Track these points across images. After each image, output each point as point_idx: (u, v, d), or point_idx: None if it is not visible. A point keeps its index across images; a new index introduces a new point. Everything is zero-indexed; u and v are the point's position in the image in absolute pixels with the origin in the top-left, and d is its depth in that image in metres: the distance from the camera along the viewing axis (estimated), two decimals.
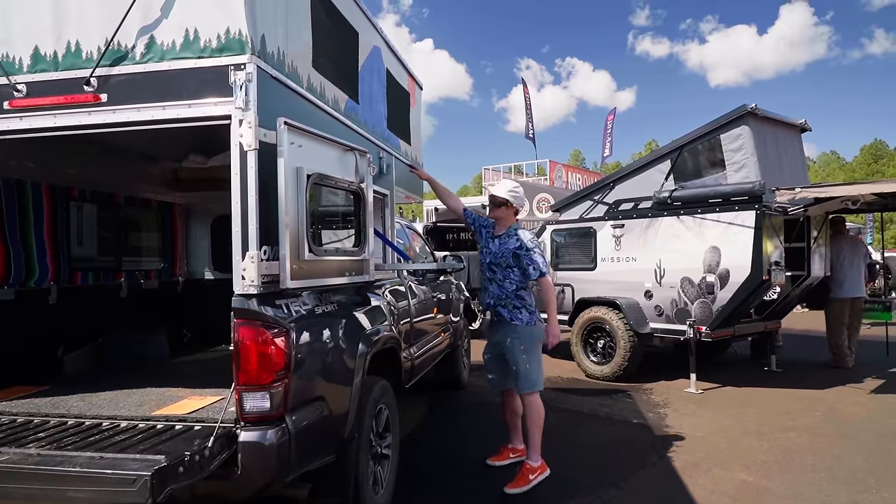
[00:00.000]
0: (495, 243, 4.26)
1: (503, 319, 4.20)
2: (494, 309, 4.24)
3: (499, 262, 4.20)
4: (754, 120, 6.69)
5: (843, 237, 7.85)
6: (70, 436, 2.66)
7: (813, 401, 6.18)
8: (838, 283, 7.65)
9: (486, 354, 4.41)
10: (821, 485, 4.02)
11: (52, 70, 2.81)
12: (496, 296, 4.23)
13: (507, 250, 4.19)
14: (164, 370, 4.14)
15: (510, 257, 4.17)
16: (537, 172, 29.30)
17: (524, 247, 4.15)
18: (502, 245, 4.22)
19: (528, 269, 4.13)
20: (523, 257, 4.14)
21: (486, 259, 4.30)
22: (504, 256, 4.19)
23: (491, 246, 4.28)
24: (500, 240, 4.25)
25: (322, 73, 3.39)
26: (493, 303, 4.25)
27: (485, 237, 4.35)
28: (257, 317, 2.55)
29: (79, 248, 4.45)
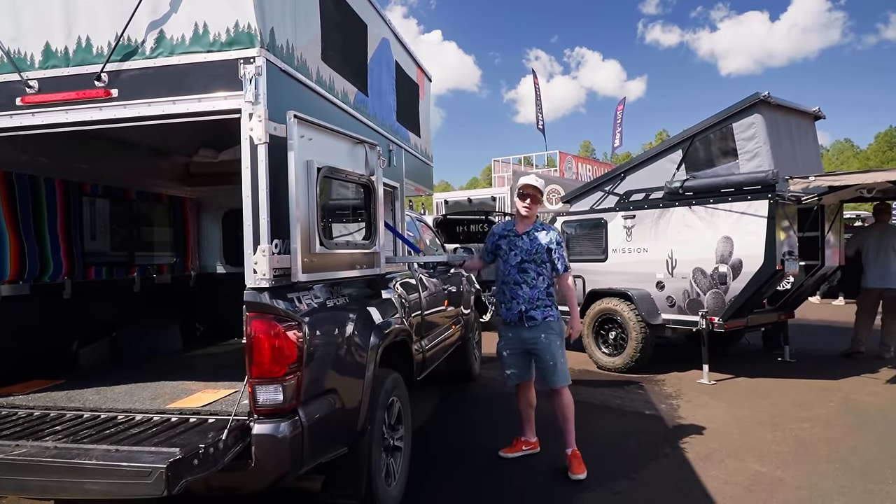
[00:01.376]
0: (524, 240, 4.12)
1: (535, 320, 4.07)
2: (526, 314, 4.08)
3: (533, 259, 4.07)
4: (767, 108, 6.61)
5: (874, 227, 7.76)
6: (86, 429, 2.69)
7: (827, 391, 6.13)
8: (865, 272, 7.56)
9: (506, 351, 4.26)
10: (836, 475, 3.99)
11: (64, 66, 2.83)
12: (528, 298, 4.08)
13: (539, 245, 4.08)
14: (177, 364, 4.18)
15: (544, 252, 4.08)
16: (547, 164, 29.14)
17: (557, 241, 4.11)
18: (533, 241, 4.10)
19: (557, 264, 4.10)
20: (555, 252, 4.08)
21: (517, 259, 4.11)
22: (538, 252, 4.07)
23: (520, 244, 4.12)
24: (528, 236, 4.13)
25: (331, 65, 3.38)
26: (525, 308, 4.09)
27: (509, 240, 4.18)
28: (269, 310, 2.56)
29: (92, 243, 4.49)
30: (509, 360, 4.28)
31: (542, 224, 4.21)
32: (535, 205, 4.14)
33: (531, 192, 4.12)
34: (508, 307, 4.17)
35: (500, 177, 26.00)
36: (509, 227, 4.23)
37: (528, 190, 4.12)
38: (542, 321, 4.08)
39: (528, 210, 4.13)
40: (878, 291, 7.53)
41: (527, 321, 4.07)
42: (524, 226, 4.17)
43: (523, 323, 4.08)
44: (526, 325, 4.08)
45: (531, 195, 4.11)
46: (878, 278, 7.49)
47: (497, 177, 27.39)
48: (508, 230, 4.21)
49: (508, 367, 4.29)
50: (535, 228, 4.14)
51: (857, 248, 7.66)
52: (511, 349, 4.23)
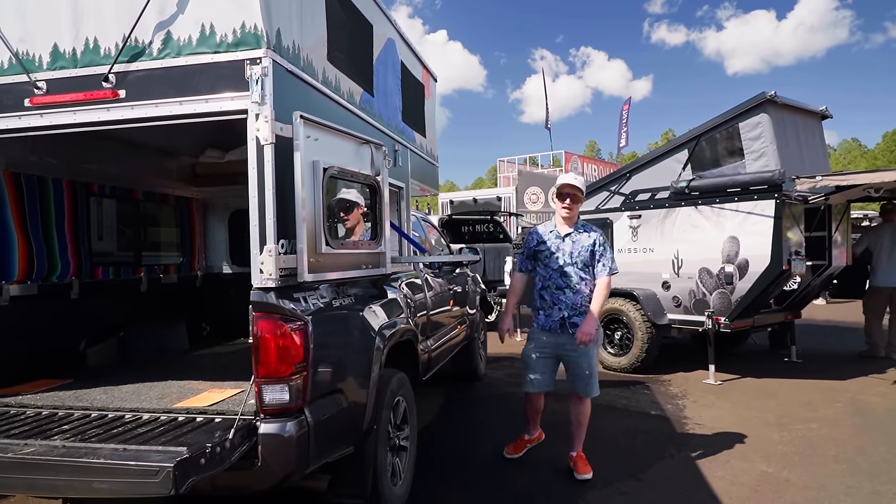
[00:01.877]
0: (567, 243, 3.93)
1: (577, 327, 3.86)
2: (569, 320, 3.89)
3: (576, 262, 3.89)
4: (773, 108, 6.58)
5: (887, 225, 7.72)
6: (93, 428, 2.70)
7: (834, 391, 6.11)
8: (876, 271, 7.53)
9: (535, 353, 4.01)
10: (843, 476, 3.97)
11: (72, 67, 2.84)
12: (571, 304, 3.89)
13: (583, 248, 3.90)
14: (183, 363, 4.20)
15: (588, 255, 3.90)
16: (553, 164, 29.11)
17: (601, 241, 3.93)
18: (576, 243, 3.92)
19: (604, 267, 3.91)
20: (600, 253, 3.91)
21: (558, 263, 3.92)
22: (582, 255, 3.89)
23: (563, 247, 3.93)
24: (570, 238, 3.94)
25: (337, 66, 3.39)
26: (567, 314, 3.90)
27: (550, 244, 3.98)
28: (276, 310, 2.57)
29: (99, 243, 4.52)
30: (537, 365, 4.03)
31: (585, 224, 4.01)
32: (576, 204, 3.94)
33: (570, 192, 3.92)
34: (548, 313, 3.97)
35: (506, 177, 25.99)
36: (550, 230, 4.03)
37: (567, 189, 3.92)
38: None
39: (569, 211, 3.93)
40: (889, 291, 7.49)
41: (569, 328, 3.90)
42: (566, 227, 3.97)
43: (565, 329, 3.90)
44: (569, 331, 3.90)
45: (570, 195, 3.93)
46: (887, 277, 7.46)
47: (502, 177, 27.37)
48: (549, 232, 4.02)
49: (534, 371, 4.04)
50: (578, 229, 3.95)
51: (867, 248, 7.62)
52: (542, 353, 4.01)
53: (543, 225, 4.12)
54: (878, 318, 7.62)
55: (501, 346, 7.43)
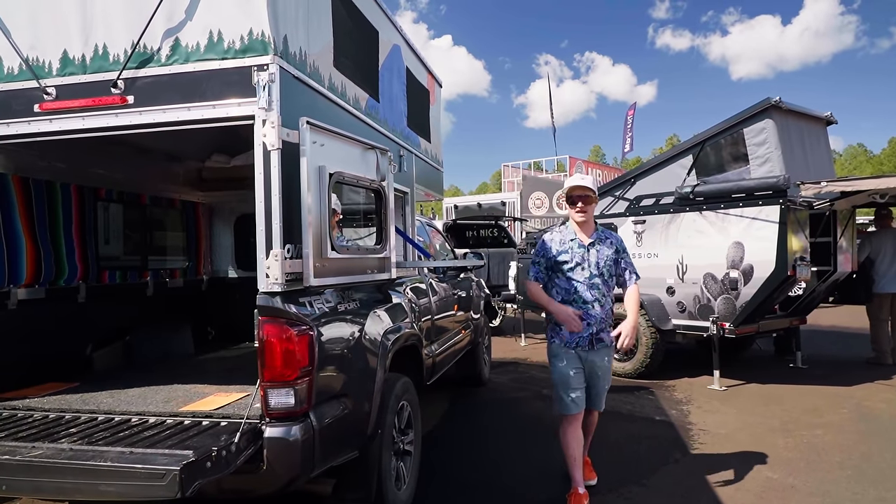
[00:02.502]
0: (592, 253, 3.59)
1: (603, 342, 3.63)
2: (597, 336, 3.60)
3: (602, 273, 3.58)
4: (778, 113, 6.58)
5: (889, 230, 7.71)
6: (100, 431, 2.72)
7: (840, 397, 6.09)
8: (879, 277, 7.51)
9: (572, 370, 3.59)
10: (848, 482, 3.96)
11: (81, 73, 2.88)
12: (600, 319, 3.59)
13: (608, 257, 3.61)
14: (189, 367, 4.21)
15: (612, 264, 3.62)
16: (557, 168, 29.15)
17: (622, 247, 3.67)
18: (601, 252, 3.60)
19: (629, 275, 3.68)
20: (625, 261, 3.66)
21: (584, 275, 3.56)
22: (607, 265, 3.60)
23: (589, 257, 3.58)
24: (595, 248, 3.60)
25: (343, 72, 3.41)
26: (596, 330, 3.59)
27: (573, 254, 3.59)
28: (281, 314, 2.59)
29: (106, 247, 4.55)
30: (576, 381, 3.59)
31: (603, 230, 3.71)
32: (590, 206, 3.58)
33: (581, 194, 3.55)
34: (572, 329, 3.57)
35: (510, 182, 26.04)
36: (570, 238, 3.63)
37: (577, 192, 3.55)
38: (609, 342, 3.67)
39: (584, 214, 3.56)
40: (890, 297, 7.47)
41: (596, 344, 3.59)
42: (587, 235, 3.62)
43: (593, 346, 3.59)
44: (595, 348, 3.60)
45: (582, 197, 3.55)
46: (890, 283, 7.44)
47: (507, 182, 27.44)
48: (570, 241, 3.62)
49: (574, 389, 3.58)
50: (600, 237, 3.64)
51: (868, 255, 7.59)
52: (577, 369, 3.61)
53: (559, 232, 3.70)
54: (884, 325, 7.59)
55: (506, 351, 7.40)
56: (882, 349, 7.59)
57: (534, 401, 6.22)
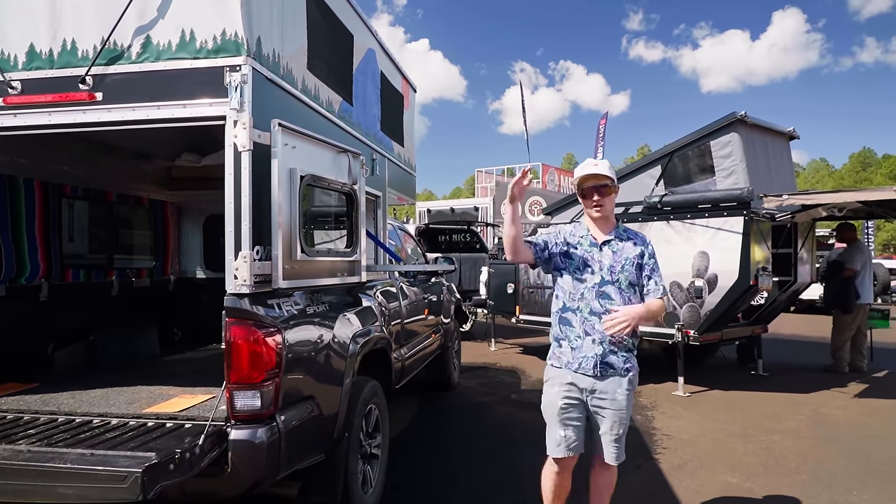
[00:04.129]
0: (606, 253, 2.85)
1: (613, 369, 2.80)
2: (603, 359, 2.78)
3: (617, 279, 2.80)
4: (744, 127, 6.77)
5: (860, 242, 7.94)
6: (60, 433, 2.67)
7: (798, 404, 6.26)
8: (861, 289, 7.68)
9: (562, 401, 2.82)
10: (803, 487, 4.08)
11: (48, 68, 2.84)
12: (607, 337, 2.76)
13: (627, 260, 2.83)
14: (154, 368, 4.15)
15: (633, 269, 2.83)
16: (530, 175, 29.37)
17: (651, 253, 2.89)
18: (618, 254, 2.84)
19: (650, 285, 2.87)
20: (650, 268, 2.87)
21: (594, 279, 2.81)
22: (626, 270, 2.82)
23: (601, 258, 2.84)
24: (610, 247, 2.86)
25: (317, 74, 3.42)
26: (604, 351, 2.77)
27: (582, 251, 2.87)
28: (249, 316, 2.58)
29: (70, 245, 4.46)
30: (567, 418, 2.82)
31: (628, 230, 2.95)
32: (608, 197, 2.83)
33: (595, 184, 2.82)
34: (576, 346, 2.81)
35: (483, 187, 26.16)
36: (581, 234, 2.92)
37: (590, 181, 2.82)
38: (622, 372, 2.81)
39: (601, 209, 2.83)
40: (864, 307, 7.71)
41: (603, 371, 2.78)
42: (603, 232, 2.89)
43: (602, 373, 2.78)
44: (601, 374, 2.79)
45: (597, 188, 2.82)
46: (868, 294, 7.68)
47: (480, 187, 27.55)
48: (581, 237, 2.91)
49: (563, 425, 2.81)
50: (620, 236, 2.89)
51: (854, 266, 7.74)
52: (570, 400, 2.82)
53: (572, 225, 3.04)
54: (850, 334, 7.80)
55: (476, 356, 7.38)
56: (841, 358, 7.82)
57: (502, 405, 6.26)
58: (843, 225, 8.07)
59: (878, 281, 14.08)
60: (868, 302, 7.71)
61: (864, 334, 7.83)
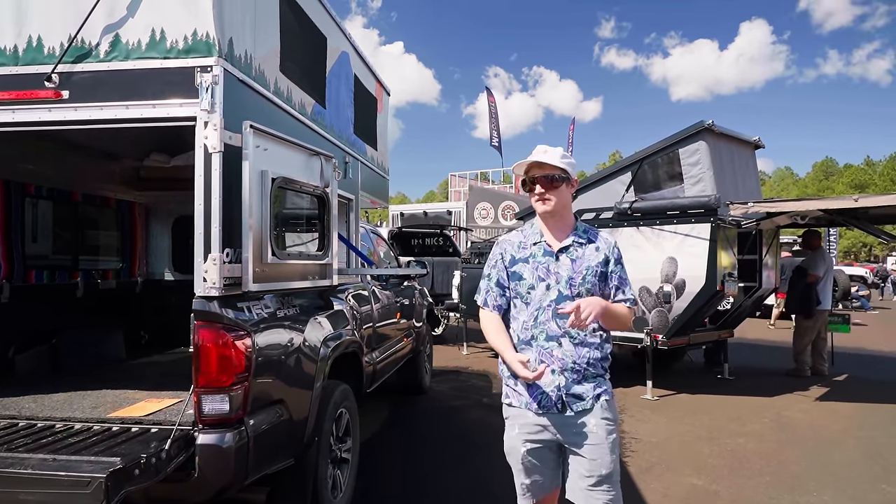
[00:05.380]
0: (563, 263, 2.33)
1: (581, 401, 2.27)
2: (568, 391, 2.26)
3: (578, 294, 2.28)
4: (711, 136, 6.92)
5: (823, 250, 8.15)
6: (21, 437, 2.61)
7: (762, 407, 6.40)
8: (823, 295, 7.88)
9: (524, 445, 2.32)
10: (766, 488, 4.18)
11: (12, 64, 2.78)
12: (573, 364, 2.27)
13: (589, 269, 2.32)
14: (120, 372, 4.07)
15: (596, 280, 2.33)
16: (503, 180, 29.55)
17: (618, 257, 2.39)
18: (578, 262, 2.33)
19: (617, 297, 2.36)
20: (618, 277, 2.37)
21: (548, 296, 2.30)
22: (588, 280, 2.31)
23: (558, 269, 2.32)
24: (568, 253, 2.34)
25: (289, 77, 3.40)
26: (566, 381, 2.26)
27: (533, 264, 2.35)
28: (218, 319, 2.55)
29: (34, 245, 4.35)
30: (532, 463, 2.33)
31: (588, 229, 2.44)
32: (556, 190, 2.32)
33: (540, 174, 2.33)
34: (531, 382, 2.27)
35: (457, 191, 26.22)
36: (533, 241, 2.40)
37: (536, 170, 2.35)
38: (595, 400, 2.29)
39: (548, 204, 2.33)
40: (826, 313, 7.91)
41: (568, 404, 2.27)
42: (559, 237, 2.38)
43: (562, 408, 2.27)
44: (567, 410, 2.27)
45: (543, 179, 2.33)
46: (827, 301, 7.90)
47: (453, 191, 27.61)
48: (532, 245, 2.39)
49: (528, 472, 2.36)
50: (579, 239, 2.37)
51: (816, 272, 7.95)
52: (534, 440, 2.32)
53: (520, 231, 2.50)
54: (811, 338, 8.00)
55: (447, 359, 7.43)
56: (803, 362, 8.02)
57: (473, 409, 6.28)
58: (809, 232, 8.29)
59: (839, 287, 14.48)
60: (828, 308, 7.93)
61: (824, 339, 8.06)
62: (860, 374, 8.27)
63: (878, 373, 8.49)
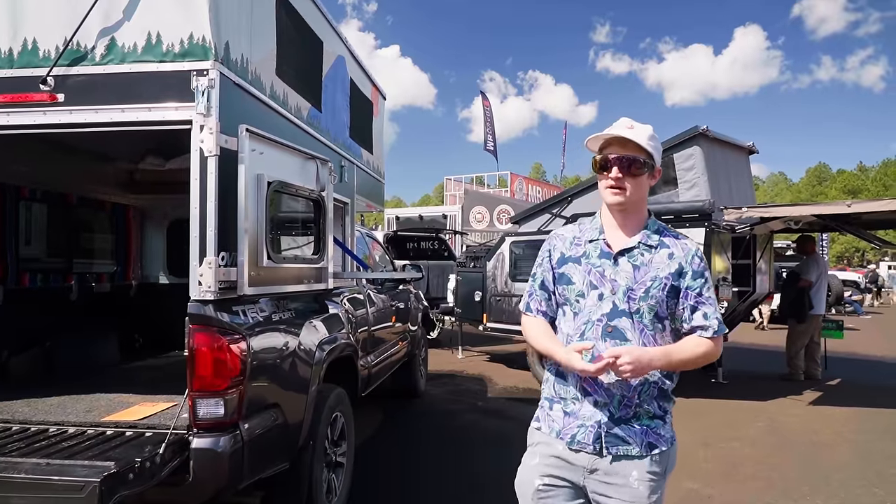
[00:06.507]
0: (623, 268, 1.85)
1: (626, 445, 1.82)
2: (608, 432, 1.81)
3: (638, 309, 1.82)
4: (705, 141, 6.96)
5: (817, 255, 8.19)
6: (14, 441, 2.60)
7: (756, 412, 6.42)
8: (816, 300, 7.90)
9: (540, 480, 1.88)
10: (760, 493, 4.19)
11: (7, 67, 2.77)
12: (620, 399, 1.82)
13: (656, 279, 1.83)
14: (114, 376, 4.06)
15: (664, 291, 1.83)
16: (498, 184, 29.62)
17: (699, 267, 1.86)
18: (643, 269, 1.84)
19: (695, 320, 1.85)
20: (696, 291, 1.84)
21: (600, 310, 1.84)
22: (653, 292, 1.82)
23: (614, 275, 1.85)
24: (631, 257, 1.86)
25: (285, 80, 3.41)
26: (608, 417, 1.82)
27: (589, 265, 1.89)
28: (213, 323, 2.55)
29: (27, 248, 4.34)
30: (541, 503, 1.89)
31: (664, 229, 1.93)
32: (635, 178, 1.85)
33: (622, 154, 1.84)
34: (568, 409, 1.88)
35: (452, 195, 26.27)
36: (589, 237, 1.95)
37: (614, 149, 1.87)
38: (644, 449, 1.84)
39: (620, 193, 1.86)
40: (818, 318, 7.94)
41: (608, 445, 1.81)
42: (623, 233, 1.91)
43: (600, 448, 1.81)
44: (605, 451, 1.81)
45: (622, 161, 1.84)
46: (821, 305, 7.92)
47: (449, 195, 27.66)
48: (588, 242, 1.94)
49: None
50: (649, 241, 1.88)
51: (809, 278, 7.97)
52: (554, 481, 1.88)
53: (576, 225, 2.06)
54: (803, 343, 8.04)
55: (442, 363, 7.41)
56: (796, 366, 8.05)
57: (468, 413, 6.28)
58: (803, 237, 8.33)
59: (832, 292, 14.54)
60: (821, 313, 7.96)
61: (817, 344, 8.09)
62: (853, 378, 8.30)
63: (872, 377, 8.53)
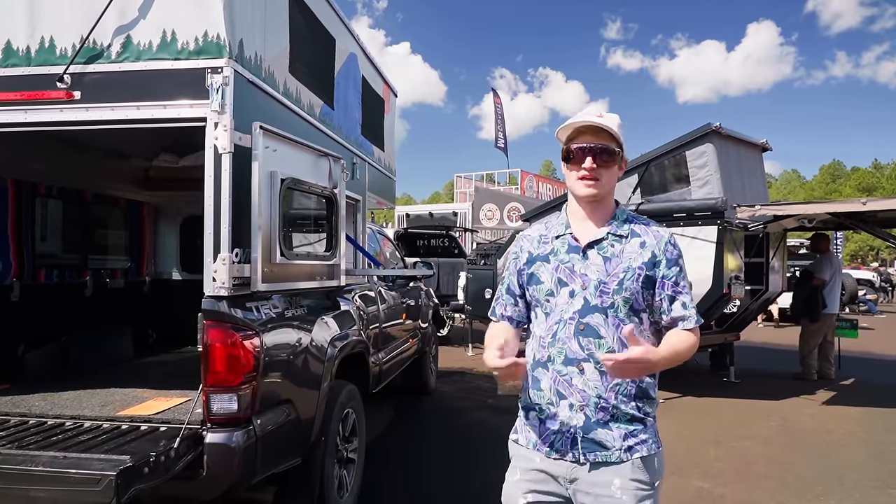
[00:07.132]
0: (593, 261, 1.75)
1: (605, 450, 1.70)
2: (586, 435, 1.70)
3: (613, 303, 1.71)
4: (718, 138, 6.90)
5: (831, 254, 8.12)
6: (31, 435, 2.63)
7: (768, 411, 6.38)
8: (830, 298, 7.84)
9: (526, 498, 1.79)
10: (773, 492, 4.16)
11: (25, 65, 2.80)
12: (596, 400, 1.70)
13: (629, 270, 1.73)
14: (128, 371, 4.10)
15: (639, 286, 1.73)
16: (509, 182, 29.55)
17: (674, 256, 1.80)
18: (614, 260, 1.75)
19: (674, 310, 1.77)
20: (672, 280, 1.77)
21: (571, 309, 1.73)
22: (627, 284, 1.72)
23: (584, 269, 1.74)
24: (601, 249, 1.76)
25: (298, 78, 3.42)
26: (585, 421, 1.70)
27: (557, 261, 1.78)
28: (227, 318, 2.57)
29: (44, 244, 4.39)
30: None
31: (634, 217, 1.85)
32: (607, 169, 1.75)
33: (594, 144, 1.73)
34: (546, 415, 1.76)
35: (462, 193, 26.22)
36: (556, 233, 1.83)
37: (586, 138, 1.75)
38: (626, 454, 1.71)
39: (594, 185, 1.74)
40: (833, 317, 7.87)
41: (584, 452, 1.70)
42: (592, 223, 1.80)
43: (577, 456, 1.71)
44: (583, 458, 1.71)
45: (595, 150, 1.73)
46: (834, 304, 7.85)
47: (459, 192, 27.61)
48: (555, 238, 1.83)
49: None
50: (618, 231, 1.78)
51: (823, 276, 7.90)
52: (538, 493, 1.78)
53: (541, 224, 1.94)
54: (816, 342, 7.98)
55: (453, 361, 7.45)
56: (809, 365, 7.99)
57: (478, 410, 6.28)
58: (817, 236, 8.26)
59: (846, 291, 14.41)
60: (835, 312, 7.89)
61: (831, 343, 8.02)
62: (867, 377, 8.22)
63: (886, 377, 8.45)
